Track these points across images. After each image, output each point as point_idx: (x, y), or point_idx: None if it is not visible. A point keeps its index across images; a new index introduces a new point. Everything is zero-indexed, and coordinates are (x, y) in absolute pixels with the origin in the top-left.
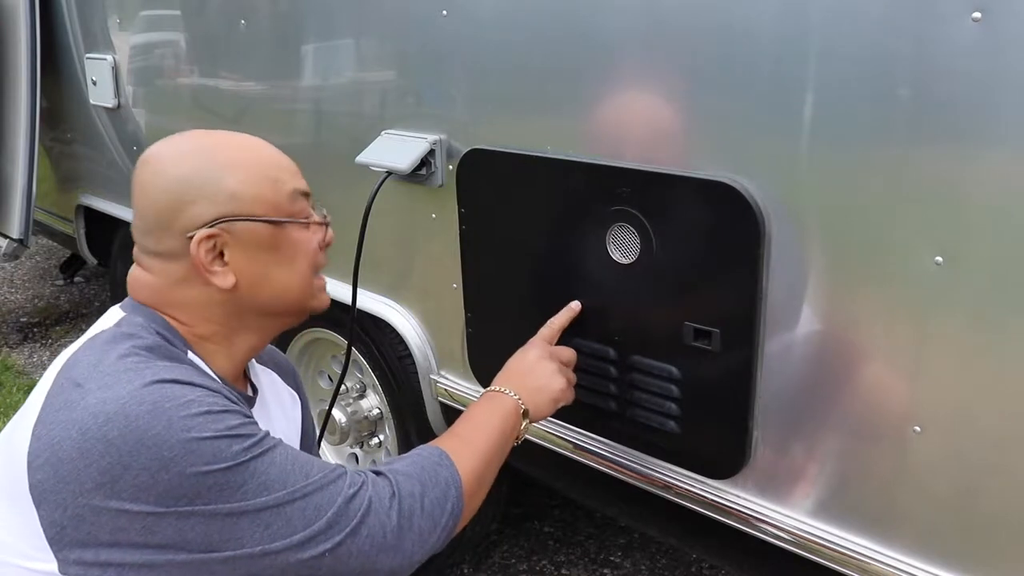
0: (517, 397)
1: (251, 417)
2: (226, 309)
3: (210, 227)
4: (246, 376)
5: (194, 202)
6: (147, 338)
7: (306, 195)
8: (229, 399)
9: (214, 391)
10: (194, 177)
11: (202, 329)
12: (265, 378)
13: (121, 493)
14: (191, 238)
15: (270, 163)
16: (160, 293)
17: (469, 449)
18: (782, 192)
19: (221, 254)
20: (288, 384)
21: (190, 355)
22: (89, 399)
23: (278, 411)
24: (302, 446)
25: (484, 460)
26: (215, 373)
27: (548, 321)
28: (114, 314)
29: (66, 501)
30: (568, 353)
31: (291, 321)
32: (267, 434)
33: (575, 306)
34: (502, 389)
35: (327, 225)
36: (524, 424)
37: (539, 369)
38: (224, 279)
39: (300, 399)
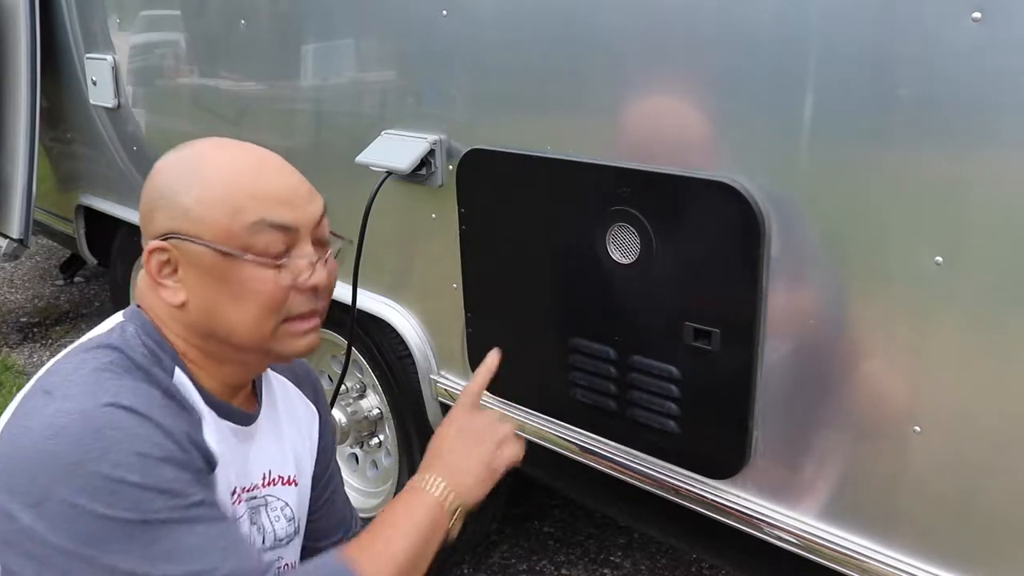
0: (441, 487)
1: (200, 473)
2: (188, 329)
3: (162, 240)
4: (254, 387)
5: (158, 211)
6: (130, 352)
7: (285, 229)
8: (181, 447)
9: (169, 432)
10: (165, 187)
11: (179, 345)
12: (280, 389)
13: (44, 514)
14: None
15: (244, 188)
16: (145, 299)
17: (383, 559)
18: (782, 192)
19: (177, 269)
20: (306, 395)
21: (177, 373)
22: (48, 409)
23: (290, 426)
24: (318, 463)
25: (400, 568)
26: (204, 390)
27: (465, 387)
28: (112, 320)
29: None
30: (495, 412)
31: (265, 359)
32: (203, 501)
33: (492, 363)
34: (425, 479)
35: (316, 264)
36: (454, 516)
37: (460, 447)
38: (173, 295)
39: (319, 412)
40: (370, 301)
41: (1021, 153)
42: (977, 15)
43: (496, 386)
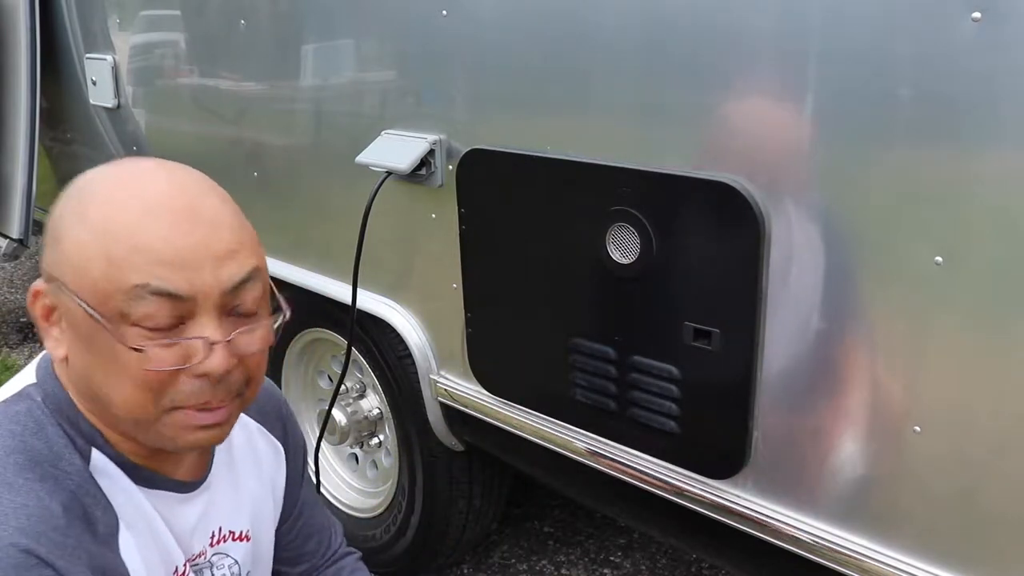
0: None
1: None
2: (80, 392)
3: (45, 281)
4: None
5: (48, 244)
6: (32, 439)
7: (174, 298)
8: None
9: (60, 545)
10: (60, 215)
11: (87, 404)
12: (240, 433)
13: None
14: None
15: (129, 239)
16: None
17: None
18: (782, 192)
19: (59, 320)
20: (272, 433)
21: (95, 456)
22: None
23: (250, 475)
24: (286, 496)
25: None
26: (133, 464)
27: None
28: (22, 378)
29: None
30: None
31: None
32: None
33: None
34: None
35: (214, 346)
36: None
37: None
38: (55, 347)
39: (284, 448)
40: (370, 301)
41: (1021, 153)
42: (977, 15)
43: (496, 386)
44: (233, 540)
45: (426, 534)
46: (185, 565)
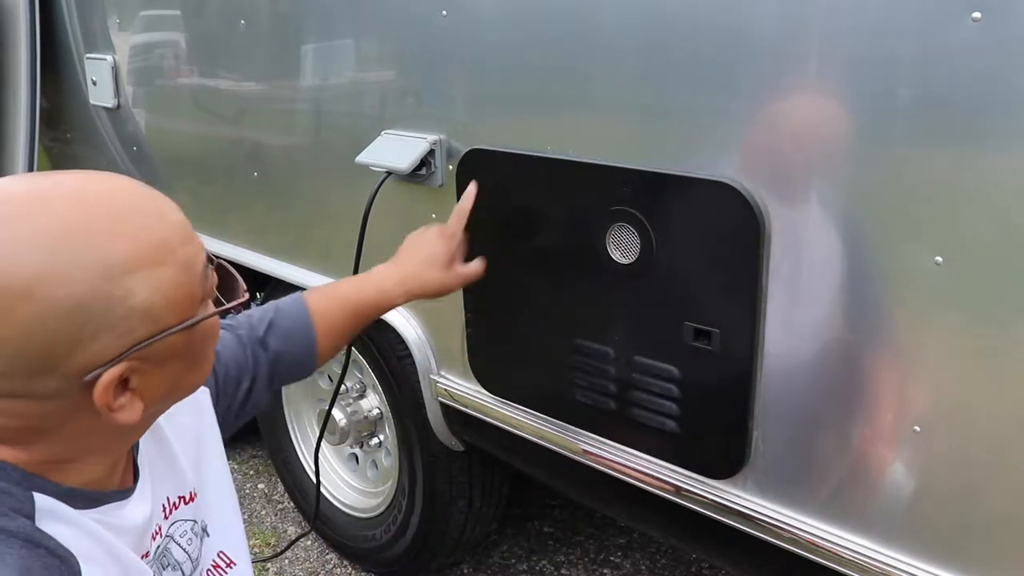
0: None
1: None
2: (104, 438)
3: (118, 362)
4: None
5: (94, 337)
6: None
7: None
8: None
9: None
10: (92, 300)
11: (46, 455)
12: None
13: None
14: (91, 380)
15: (169, 234)
16: (5, 431)
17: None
18: (782, 192)
19: (125, 381)
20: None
21: (37, 499)
22: None
23: (177, 436)
24: (220, 401)
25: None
26: (77, 491)
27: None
28: None
29: None
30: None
31: None
32: None
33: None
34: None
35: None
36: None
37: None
38: (131, 413)
39: (212, 387)
40: None
41: (1021, 153)
42: (977, 15)
43: (496, 386)
44: (184, 504)
45: (426, 534)
46: (146, 557)
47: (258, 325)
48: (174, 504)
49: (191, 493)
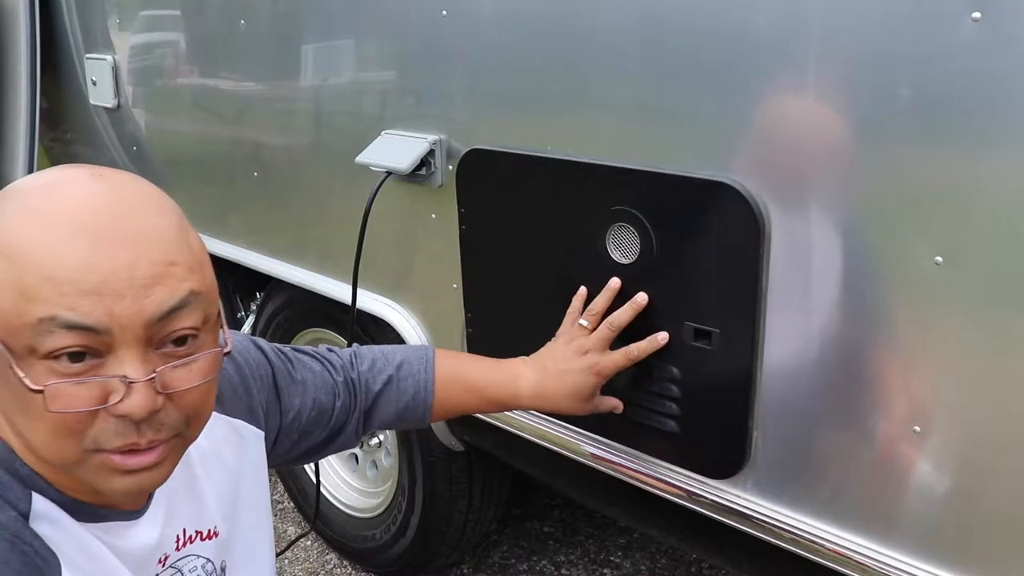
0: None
1: None
2: (13, 431)
3: None
4: None
5: None
6: None
7: (88, 331)
8: None
9: None
10: None
11: (15, 443)
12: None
13: None
14: None
15: (43, 265)
16: None
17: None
18: (782, 192)
19: None
20: (239, 416)
21: (35, 500)
22: None
23: (208, 473)
24: (276, 444)
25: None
26: (77, 502)
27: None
28: None
29: None
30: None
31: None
32: None
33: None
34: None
35: (132, 386)
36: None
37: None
38: None
39: (262, 427)
40: (370, 301)
41: (1021, 153)
42: (977, 15)
43: None
44: (202, 540)
45: (426, 534)
46: None
47: (374, 379)
48: (190, 537)
49: (211, 530)
